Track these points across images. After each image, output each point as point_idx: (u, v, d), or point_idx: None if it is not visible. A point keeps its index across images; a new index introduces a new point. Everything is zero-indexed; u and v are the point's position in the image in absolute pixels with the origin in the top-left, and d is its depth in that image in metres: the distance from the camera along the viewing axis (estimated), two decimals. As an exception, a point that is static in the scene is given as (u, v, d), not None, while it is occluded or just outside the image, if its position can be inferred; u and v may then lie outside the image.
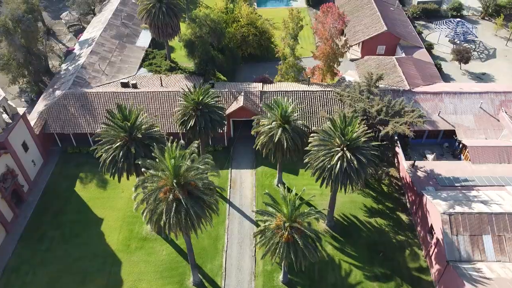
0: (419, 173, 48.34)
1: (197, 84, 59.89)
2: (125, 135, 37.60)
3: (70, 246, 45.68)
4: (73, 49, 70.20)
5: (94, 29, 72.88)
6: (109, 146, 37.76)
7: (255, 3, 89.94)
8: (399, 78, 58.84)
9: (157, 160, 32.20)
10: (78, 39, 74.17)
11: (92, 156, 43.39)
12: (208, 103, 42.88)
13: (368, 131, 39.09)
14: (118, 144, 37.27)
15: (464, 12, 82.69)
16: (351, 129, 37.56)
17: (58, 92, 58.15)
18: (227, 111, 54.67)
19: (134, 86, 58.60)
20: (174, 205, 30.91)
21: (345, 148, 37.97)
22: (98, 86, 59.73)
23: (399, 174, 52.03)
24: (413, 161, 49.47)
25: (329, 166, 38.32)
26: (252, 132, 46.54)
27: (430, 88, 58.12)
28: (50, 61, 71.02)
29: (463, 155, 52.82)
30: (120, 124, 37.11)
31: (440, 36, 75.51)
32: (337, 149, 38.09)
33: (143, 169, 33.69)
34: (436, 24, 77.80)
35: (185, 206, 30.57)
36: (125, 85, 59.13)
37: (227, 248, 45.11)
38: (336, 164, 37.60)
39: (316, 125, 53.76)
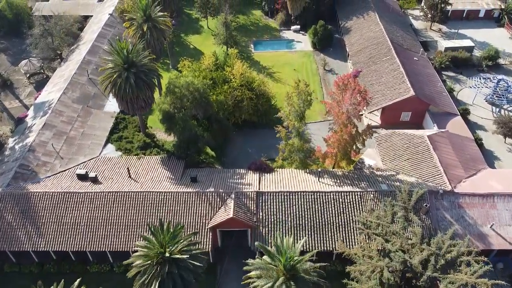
0: (474, 328, 35.10)
1: (176, 171, 48.10)
2: None
3: None
4: (26, 116, 56.83)
5: (54, 87, 59.52)
6: None
7: (252, 45, 76.65)
8: (435, 169, 45.59)
9: None
10: (35, 99, 60.75)
11: (36, 277, 33.96)
12: (179, 258, 29.39)
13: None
14: None
15: (500, 61, 69.40)
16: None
17: (-6, 189, 44.93)
18: (213, 223, 41.55)
19: (94, 180, 45.35)
20: None
21: None
22: (48, 177, 46.45)
23: (442, 316, 38.80)
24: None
25: None
26: (243, 283, 33.26)
27: (476, 185, 44.75)
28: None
29: (526, 287, 39.71)
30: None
31: (475, 96, 62.13)
32: None
33: None
34: (471, 78, 64.35)
35: None
36: (82, 177, 45.94)
37: None
38: None
39: (329, 244, 40.46)
